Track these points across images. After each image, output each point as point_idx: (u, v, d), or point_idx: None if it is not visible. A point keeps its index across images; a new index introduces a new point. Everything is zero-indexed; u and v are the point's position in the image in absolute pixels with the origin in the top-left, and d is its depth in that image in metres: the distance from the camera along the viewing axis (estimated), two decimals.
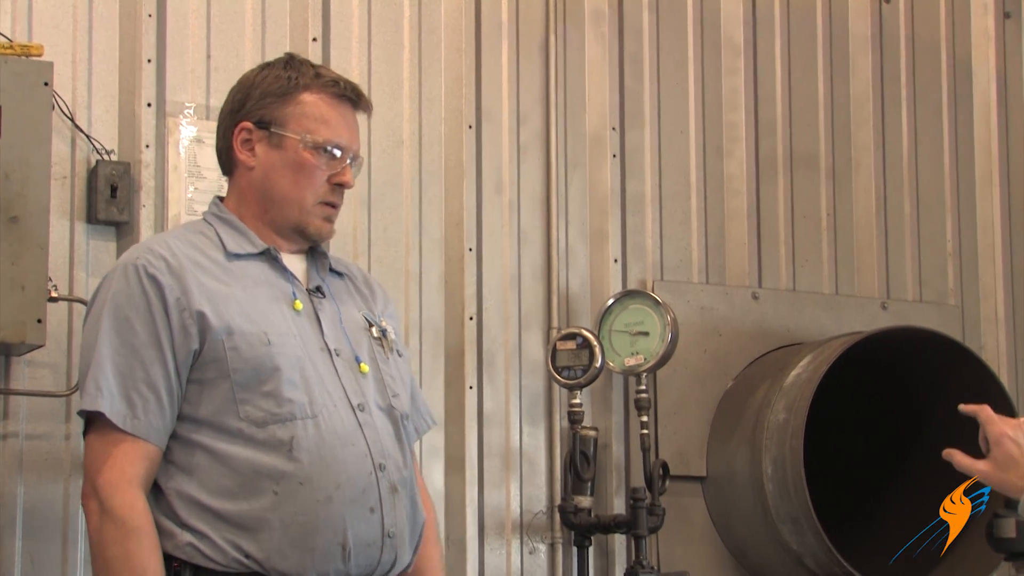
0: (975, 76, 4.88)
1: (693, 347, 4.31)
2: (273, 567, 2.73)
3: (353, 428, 2.84)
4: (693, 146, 4.46)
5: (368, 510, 2.81)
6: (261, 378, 2.77)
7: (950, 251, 4.75)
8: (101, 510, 2.69)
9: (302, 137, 2.92)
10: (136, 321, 2.76)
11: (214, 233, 2.91)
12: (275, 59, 3.02)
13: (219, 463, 2.75)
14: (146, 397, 2.73)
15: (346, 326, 2.95)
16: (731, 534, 4.31)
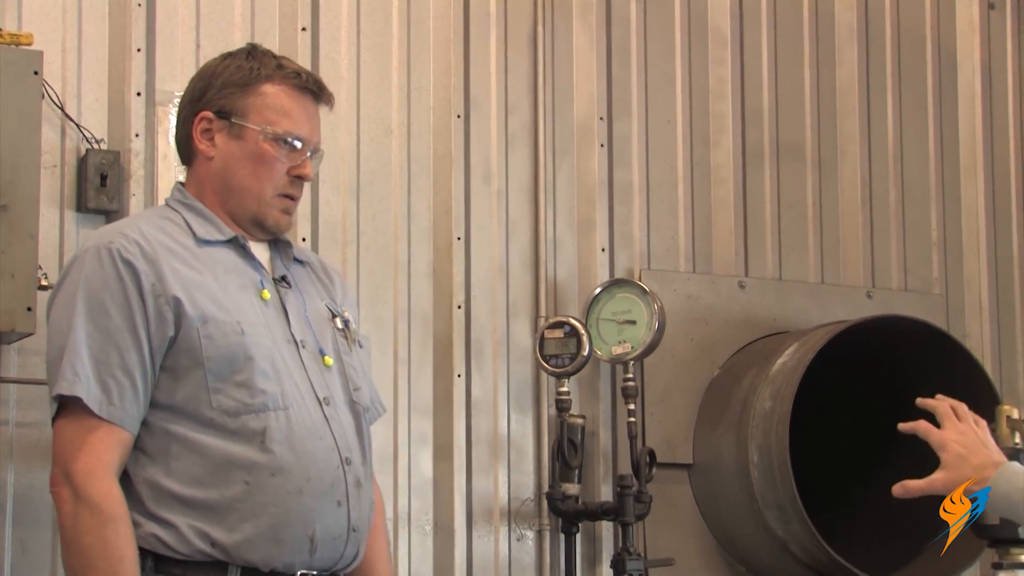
0: (960, 67, 4.88)
1: (680, 336, 4.31)
2: (240, 556, 2.72)
3: (320, 422, 2.83)
4: (680, 136, 4.46)
5: (336, 504, 2.81)
6: (234, 368, 2.75)
7: (935, 240, 4.76)
8: (75, 497, 2.66)
9: (262, 128, 2.89)
10: (111, 306, 2.72)
11: (181, 219, 2.88)
12: (237, 49, 3.00)
13: (191, 451, 2.73)
14: (121, 383, 2.71)
15: (311, 317, 2.94)
16: (717, 521, 4.31)
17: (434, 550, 4.01)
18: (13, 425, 3.56)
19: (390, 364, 4.01)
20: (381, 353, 3.99)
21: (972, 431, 2.89)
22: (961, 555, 4.12)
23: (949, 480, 2.85)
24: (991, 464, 2.82)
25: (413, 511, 3.99)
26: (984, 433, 2.90)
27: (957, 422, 2.90)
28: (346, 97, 4.03)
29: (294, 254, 3.02)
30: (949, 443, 2.86)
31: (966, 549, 4.08)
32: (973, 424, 2.90)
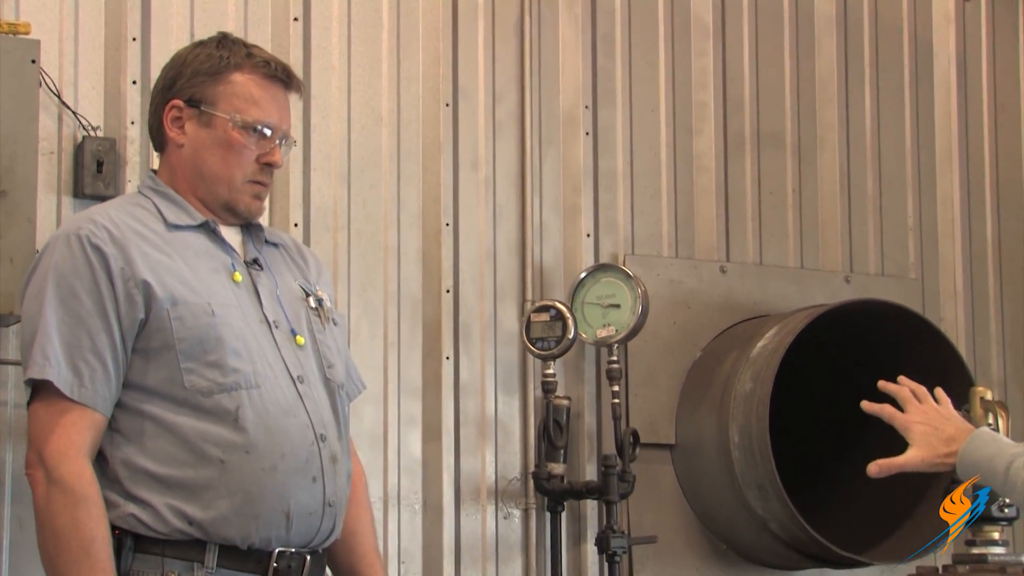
0: (936, 57, 4.89)
1: (663, 319, 4.32)
2: (217, 533, 2.72)
3: (294, 399, 2.83)
4: (663, 124, 4.46)
5: (310, 480, 2.81)
6: (205, 348, 2.75)
7: (911, 226, 4.77)
8: (48, 479, 2.66)
9: (231, 116, 2.89)
10: (81, 290, 2.72)
11: (152, 205, 2.89)
12: (208, 38, 2.99)
13: (166, 431, 2.73)
14: (93, 366, 2.71)
15: (283, 297, 2.94)
16: (699, 500, 4.32)
17: (423, 528, 4.02)
18: (12, 406, 3.56)
19: (380, 347, 4.01)
20: (371, 336, 4.00)
21: (934, 410, 2.92)
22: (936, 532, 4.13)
23: (925, 456, 2.87)
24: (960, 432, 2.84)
25: (403, 490, 4.00)
26: (947, 408, 2.93)
27: (918, 404, 2.93)
28: (337, 86, 4.03)
29: (266, 236, 3.02)
30: (912, 424, 2.89)
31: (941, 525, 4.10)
32: (933, 403, 2.94)
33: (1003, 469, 2.73)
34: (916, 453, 2.88)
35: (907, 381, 2.98)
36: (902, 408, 2.94)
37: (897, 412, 2.93)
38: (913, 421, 2.90)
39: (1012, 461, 2.72)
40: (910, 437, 2.89)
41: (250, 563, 2.75)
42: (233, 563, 2.74)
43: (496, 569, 4.08)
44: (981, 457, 2.78)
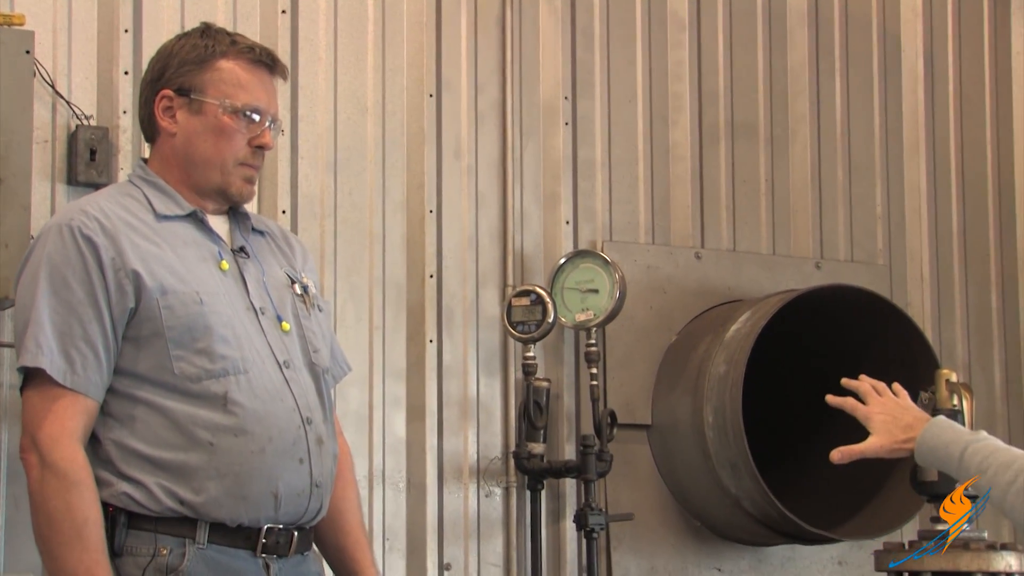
0: (904, 51, 4.89)
1: (640, 304, 4.32)
2: (207, 513, 2.73)
3: (281, 384, 2.83)
4: (640, 115, 4.46)
5: (297, 461, 2.81)
6: (194, 336, 2.75)
7: (879, 214, 4.77)
8: (41, 463, 2.66)
9: (221, 102, 2.88)
10: (73, 280, 2.72)
11: (141, 195, 2.88)
12: (192, 29, 2.99)
13: (158, 415, 2.73)
14: (84, 353, 2.70)
15: (269, 284, 2.94)
16: (674, 478, 4.33)
17: (407, 506, 4.02)
18: (7, 387, 3.55)
19: (365, 331, 4.01)
20: (357, 320, 4.00)
21: (893, 401, 2.99)
22: (901, 508, 4.16)
23: (885, 443, 2.93)
24: (919, 421, 2.89)
25: (388, 469, 4.00)
26: (905, 400, 3.00)
27: (878, 397, 2.99)
28: (324, 77, 4.02)
29: (252, 224, 3.01)
30: (873, 415, 2.96)
31: (907, 504, 4.12)
32: (892, 396, 2.99)
33: (958, 454, 2.77)
34: (876, 440, 2.94)
35: (867, 378, 3.05)
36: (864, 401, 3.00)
37: (859, 405, 3.00)
38: (874, 412, 2.97)
39: (966, 447, 2.76)
40: (871, 426, 2.96)
41: (239, 539, 2.76)
42: (223, 539, 2.74)
43: (478, 545, 4.09)
44: (938, 443, 2.82)
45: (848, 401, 3.01)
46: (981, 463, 2.74)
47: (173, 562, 2.69)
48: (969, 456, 2.76)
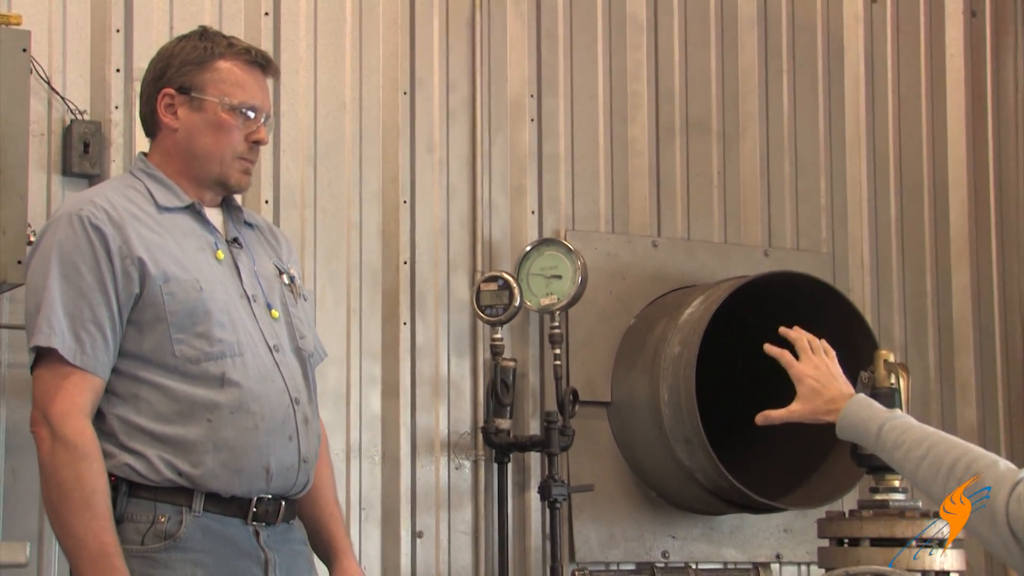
0: (846, 53, 4.90)
1: (600, 289, 4.33)
2: (204, 484, 2.74)
3: (271, 366, 2.85)
4: (601, 112, 4.46)
5: (287, 438, 2.83)
6: (195, 321, 2.76)
7: (823, 206, 4.79)
8: (53, 437, 2.66)
9: (220, 100, 2.89)
10: (83, 266, 2.72)
11: (143, 187, 2.88)
12: (190, 32, 2.99)
13: (159, 393, 2.74)
14: (93, 335, 2.70)
15: (260, 274, 2.95)
16: (632, 452, 4.34)
17: (382, 478, 4.02)
18: (5, 366, 3.56)
19: (343, 313, 4.01)
20: (335, 303, 3.99)
21: (824, 364, 2.97)
22: (842, 480, 4.17)
23: (806, 411, 2.93)
24: (841, 397, 2.89)
25: (364, 443, 4.00)
26: (834, 366, 2.99)
27: (812, 355, 2.98)
28: (304, 75, 4.01)
29: (244, 217, 3.02)
30: (805, 377, 2.95)
31: (847, 476, 4.13)
32: (824, 356, 2.99)
33: (875, 431, 2.78)
34: (799, 407, 2.94)
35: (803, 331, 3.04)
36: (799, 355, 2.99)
37: (793, 361, 2.98)
38: (805, 374, 2.95)
39: (883, 425, 2.77)
40: (799, 388, 2.95)
41: (232, 508, 2.78)
42: (217, 508, 2.76)
43: (448, 514, 4.09)
44: (857, 420, 2.83)
45: (785, 354, 2.99)
46: (896, 439, 2.75)
47: (171, 528, 2.70)
48: (885, 433, 2.77)
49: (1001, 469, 2.58)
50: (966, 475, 2.59)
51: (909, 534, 3.51)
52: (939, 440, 2.69)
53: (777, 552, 4.50)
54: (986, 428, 4.87)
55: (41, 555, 3.53)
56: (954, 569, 3.55)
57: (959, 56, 5.01)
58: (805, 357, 2.98)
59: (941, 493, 2.64)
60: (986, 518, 2.55)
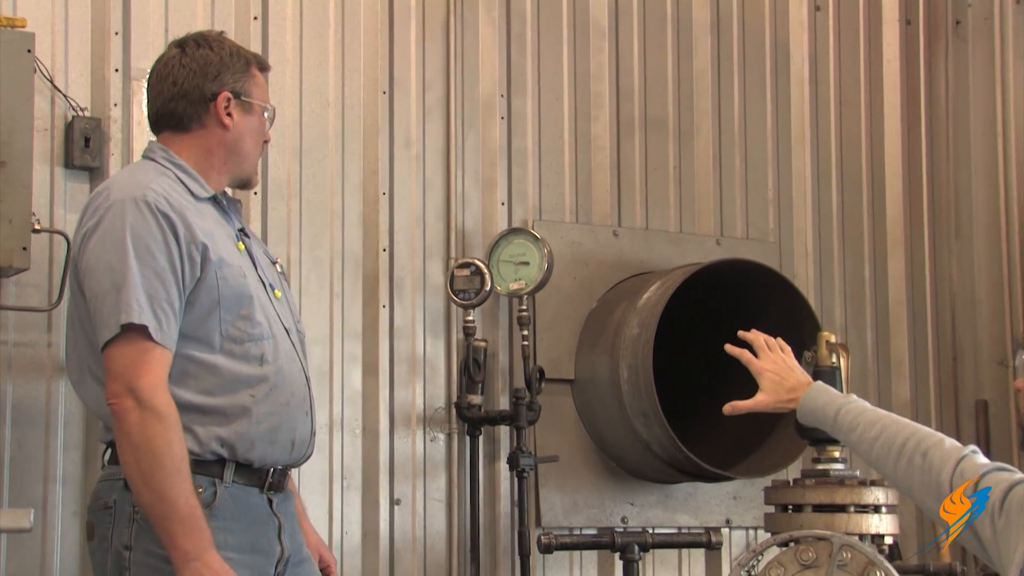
0: (792, 57, 4.91)
1: (565, 275, 4.33)
2: (242, 455, 2.77)
3: (291, 347, 2.89)
4: (566, 110, 4.46)
5: (304, 413, 2.88)
6: (240, 304, 2.78)
7: (771, 198, 4.80)
8: (141, 408, 2.63)
9: (263, 105, 2.93)
10: (155, 249, 2.70)
11: (174, 176, 2.86)
12: (214, 36, 2.98)
13: (206, 370, 2.75)
14: (167, 313, 2.70)
15: (263, 263, 2.97)
16: (594, 426, 4.35)
17: (362, 449, 4.03)
18: (12, 345, 3.55)
19: (326, 297, 4.01)
20: (319, 288, 3.99)
21: (781, 359, 3.01)
22: (787, 451, 4.20)
23: (770, 401, 2.97)
24: (800, 386, 2.93)
25: (345, 417, 4.01)
26: (791, 359, 3.03)
27: (769, 352, 3.02)
28: (290, 76, 4.01)
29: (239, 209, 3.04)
30: (765, 372, 2.99)
31: (792, 447, 4.16)
32: (781, 352, 3.03)
33: (832, 415, 2.82)
34: (763, 398, 2.98)
35: (759, 332, 3.08)
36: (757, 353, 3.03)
37: (753, 358, 3.02)
38: (764, 369, 2.99)
39: (839, 409, 2.81)
40: (761, 383, 2.99)
41: (253, 478, 2.80)
42: (242, 478, 2.78)
43: (424, 483, 4.10)
44: (816, 405, 2.87)
45: (744, 353, 3.03)
46: (852, 422, 2.79)
47: (207, 498, 2.72)
48: (842, 416, 2.81)
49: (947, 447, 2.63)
50: (915, 453, 2.64)
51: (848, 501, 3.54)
52: (891, 422, 2.73)
53: (727, 518, 4.52)
54: (918, 403, 4.91)
55: (45, 521, 3.52)
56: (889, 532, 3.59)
57: (895, 60, 5.03)
58: (763, 354, 3.02)
59: (893, 470, 2.69)
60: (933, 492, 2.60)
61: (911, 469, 2.63)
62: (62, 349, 3.48)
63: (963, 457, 2.59)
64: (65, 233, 3.49)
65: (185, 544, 2.61)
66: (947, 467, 2.58)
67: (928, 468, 2.61)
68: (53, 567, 3.54)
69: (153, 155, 2.92)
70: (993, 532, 2.47)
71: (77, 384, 2.86)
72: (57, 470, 3.56)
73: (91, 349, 2.77)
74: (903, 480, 2.67)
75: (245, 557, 2.75)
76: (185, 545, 2.61)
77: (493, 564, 4.17)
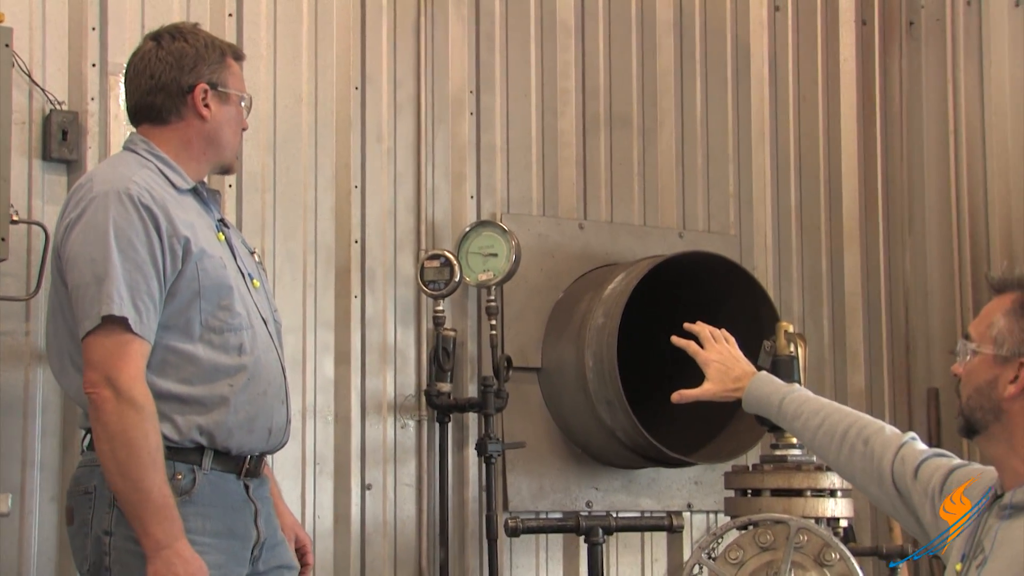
0: (752, 56, 4.92)
1: (532, 266, 4.33)
2: (221, 443, 2.75)
3: (268, 338, 2.87)
4: (534, 107, 4.46)
5: (280, 402, 2.86)
6: (220, 295, 2.75)
7: (732, 193, 4.81)
8: (118, 398, 2.60)
9: (239, 94, 2.90)
10: (137, 243, 2.67)
11: (156, 169, 2.82)
12: (190, 26, 2.95)
13: (185, 360, 2.72)
14: (147, 305, 2.67)
15: (242, 253, 2.94)
16: (560, 413, 4.35)
17: (335, 435, 4.02)
18: None
19: (300, 288, 3.99)
20: (292, 279, 3.97)
21: (727, 350, 3.00)
22: (746, 438, 4.21)
23: (717, 390, 2.96)
24: (745, 375, 2.93)
25: (318, 405, 3.99)
26: (735, 350, 3.02)
27: (715, 343, 3.01)
28: (265, 71, 3.98)
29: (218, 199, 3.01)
30: (711, 362, 2.98)
31: (751, 434, 4.17)
32: (725, 343, 3.02)
33: (777, 403, 2.83)
34: (710, 387, 2.97)
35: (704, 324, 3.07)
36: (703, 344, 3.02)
37: (699, 349, 3.02)
38: (711, 359, 2.98)
39: (783, 398, 2.82)
40: (707, 373, 2.98)
41: (231, 464, 2.78)
42: (220, 465, 2.76)
43: (395, 469, 4.09)
44: (761, 394, 2.87)
45: (691, 345, 3.02)
46: (795, 411, 2.79)
47: (185, 485, 2.70)
48: (786, 405, 2.81)
49: (887, 434, 2.63)
50: (857, 440, 2.64)
51: (805, 485, 3.56)
52: (833, 410, 2.73)
53: (688, 502, 4.54)
54: (872, 391, 4.94)
55: (23, 506, 3.49)
56: (844, 516, 3.61)
57: (851, 60, 5.05)
58: (709, 345, 3.01)
59: (836, 457, 2.69)
60: (874, 478, 2.60)
61: (853, 455, 2.64)
62: (40, 337, 3.45)
63: (903, 444, 2.60)
64: (43, 224, 3.45)
65: (157, 532, 2.59)
66: (888, 453, 2.59)
67: (870, 455, 2.61)
68: (31, 551, 3.51)
69: (135, 147, 2.88)
70: (934, 516, 2.49)
71: (58, 372, 2.83)
72: (35, 456, 3.52)
73: (72, 338, 2.74)
74: (845, 466, 2.67)
75: (222, 542, 2.74)
76: (157, 533, 2.59)
77: (461, 547, 4.17)
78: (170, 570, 2.58)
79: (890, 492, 2.59)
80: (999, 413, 2.32)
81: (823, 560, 3.32)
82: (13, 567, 3.48)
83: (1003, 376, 2.32)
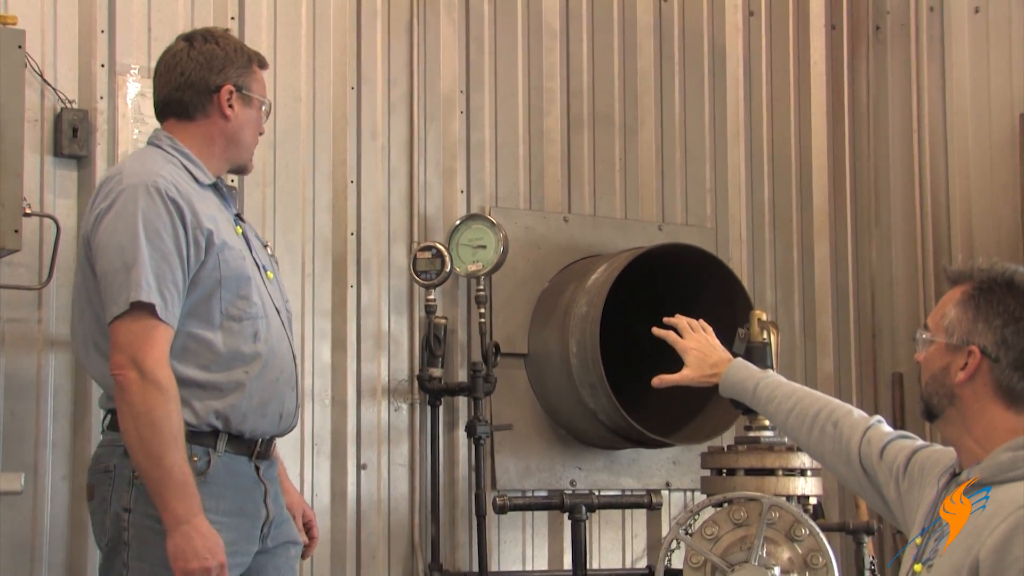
0: (728, 58, 4.92)
1: (519, 257, 4.33)
2: (235, 427, 2.76)
3: (280, 326, 2.88)
4: (521, 106, 4.47)
5: (291, 389, 2.88)
6: (239, 285, 2.76)
7: (708, 188, 4.82)
8: (143, 380, 2.62)
9: (261, 99, 2.91)
10: (164, 233, 2.68)
11: (179, 163, 2.83)
12: (219, 32, 2.96)
13: (204, 347, 2.74)
14: (173, 293, 2.68)
15: (256, 246, 2.95)
16: (545, 397, 4.36)
17: (331, 418, 4.03)
18: (4, 321, 3.52)
19: (298, 278, 3.99)
20: (291, 269, 3.98)
21: (704, 338, 3.01)
22: (722, 420, 4.22)
23: (695, 376, 2.97)
24: (722, 362, 2.95)
25: (316, 389, 4.00)
26: (712, 338, 3.03)
27: (692, 332, 3.03)
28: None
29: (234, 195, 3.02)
30: (689, 349, 2.99)
31: (726, 416, 4.18)
32: (703, 332, 3.04)
33: (751, 389, 2.84)
34: (689, 372, 2.98)
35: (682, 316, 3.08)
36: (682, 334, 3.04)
37: (678, 338, 3.03)
38: (689, 347, 2.99)
39: (757, 383, 2.84)
40: (686, 359, 2.99)
41: (243, 447, 2.80)
42: (233, 448, 2.78)
43: (388, 450, 4.10)
44: (736, 380, 2.89)
45: (670, 334, 3.03)
46: (769, 395, 2.81)
47: (201, 467, 2.71)
48: (760, 389, 2.83)
49: (855, 417, 2.67)
50: (827, 423, 2.67)
51: (777, 465, 3.58)
52: (804, 395, 2.76)
53: (667, 481, 4.55)
54: (840, 377, 4.96)
55: (36, 484, 3.50)
56: (813, 494, 3.63)
57: (821, 62, 5.06)
58: (687, 335, 3.03)
59: (807, 438, 2.71)
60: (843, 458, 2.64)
61: (823, 437, 2.67)
62: (52, 325, 3.47)
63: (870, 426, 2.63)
64: (54, 217, 3.47)
65: (178, 508, 2.61)
66: (856, 435, 2.62)
67: (839, 436, 2.64)
68: (43, 527, 3.53)
69: (159, 142, 2.89)
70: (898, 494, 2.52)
71: (83, 355, 2.84)
72: (47, 436, 3.54)
73: (97, 323, 2.75)
74: (815, 447, 2.70)
75: (234, 520, 2.76)
76: (178, 509, 2.61)
77: (452, 524, 4.18)
78: (189, 544, 2.60)
79: (857, 471, 2.62)
80: (952, 398, 2.35)
81: (793, 535, 3.35)
82: (27, 542, 3.50)
83: (954, 363, 2.35)
